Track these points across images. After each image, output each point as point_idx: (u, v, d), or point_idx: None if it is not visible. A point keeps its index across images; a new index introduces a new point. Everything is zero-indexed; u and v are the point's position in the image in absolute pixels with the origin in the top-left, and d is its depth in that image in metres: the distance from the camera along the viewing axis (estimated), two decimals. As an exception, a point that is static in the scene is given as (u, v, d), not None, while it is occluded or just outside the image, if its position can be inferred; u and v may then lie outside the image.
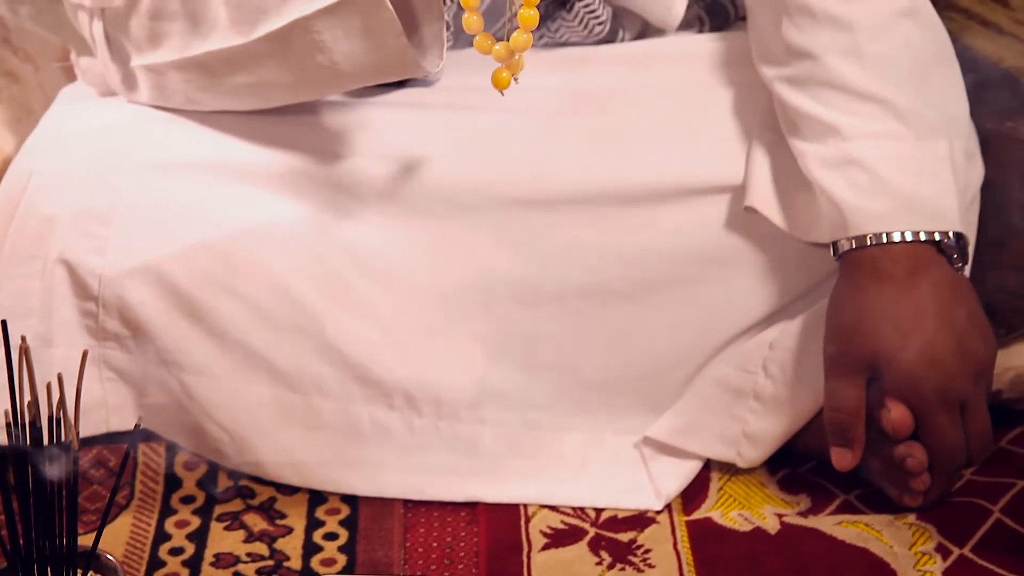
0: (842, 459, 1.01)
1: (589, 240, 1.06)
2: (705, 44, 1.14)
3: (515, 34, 0.90)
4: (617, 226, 1.06)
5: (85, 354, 0.86)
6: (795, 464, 1.08)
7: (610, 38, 1.13)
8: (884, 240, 1.00)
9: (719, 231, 1.07)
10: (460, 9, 1.06)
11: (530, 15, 0.90)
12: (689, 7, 1.16)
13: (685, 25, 1.16)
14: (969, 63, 1.13)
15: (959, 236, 1.01)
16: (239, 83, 1.01)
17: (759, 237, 1.07)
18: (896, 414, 0.99)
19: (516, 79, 0.92)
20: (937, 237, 1.00)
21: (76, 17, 1.05)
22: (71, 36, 1.10)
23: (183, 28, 1.00)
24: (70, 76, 1.18)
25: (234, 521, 1.04)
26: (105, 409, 1.06)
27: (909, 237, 1.00)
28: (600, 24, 1.11)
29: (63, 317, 1.03)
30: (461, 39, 1.09)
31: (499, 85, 0.91)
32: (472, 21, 0.91)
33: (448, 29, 1.03)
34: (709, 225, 1.07)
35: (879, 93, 1.01)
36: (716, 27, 1.17)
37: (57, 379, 0.83)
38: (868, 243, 1.00)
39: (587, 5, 1.09)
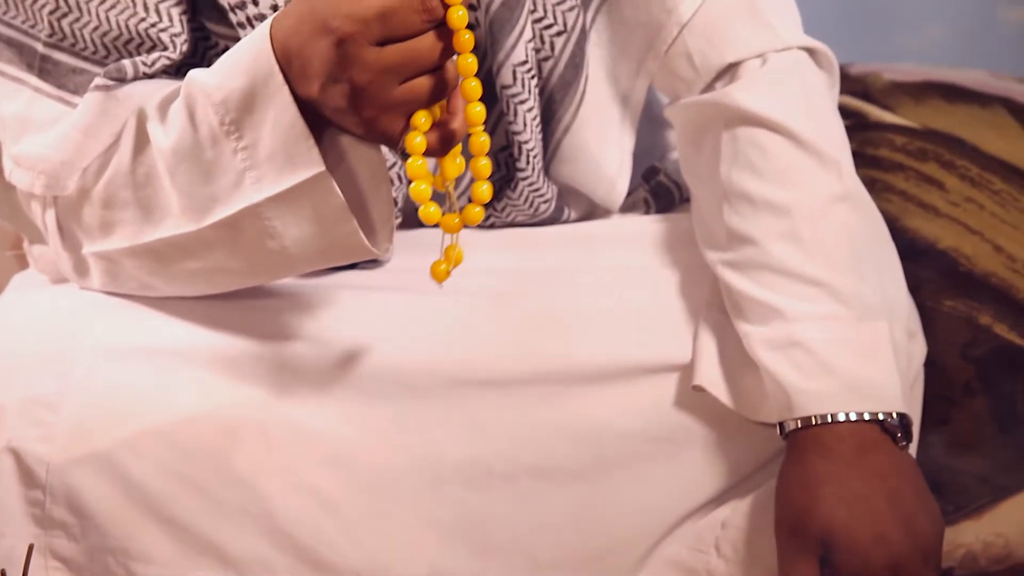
0: (805, 638, 1.00)
1: (539, 420, 1.07)
2: (651, 225, 1.16)
3: (468, 207, 0.91)
4: (567, 405, 1.07)
5: (31, 549, 0.85)
6: (748, 646, 1.07)
7: (556, 216, 1.15)
8: (829, 420, 1.01)
9: (668, 410, 1.07)
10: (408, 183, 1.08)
11: (482, 190, 0.91)
12: (635, 190, 1.19)
13: (631, 207, 1.19)
14: (908, 243, 1.16)
15: (902, 416, 1.02)
16: (191, 269, 1.02)
17: (708, 416, 1.07)
18: (848, 595, 0.99)
19: (450, 272, 0.93)
20: (881, 417, 1.01)
21: (29, 206, 1.06)
22: (24, 224, 1.11)
23: (135, 216, 1.01)
24: (23, 264, 1.18)
25: None
26: (50, 599, 1.04)
27: (853, 417, 1.01)
28: (545, 203, 1.13)
29: (9, 507, 1.02)
30: (408, 220, 1.11)
31: (437, 278, 0.93)
32: (419, 190, 0.91)
33: (396, 205, 1.05)
34: (658, 404, 1.07)
35: (819, 276, 1.03)
36: (662, 209, 1.19)
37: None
38: (814, 423, 1.01)
39: (531, 184, 1.12)
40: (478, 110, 0.90)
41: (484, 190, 0.91)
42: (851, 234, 1.05)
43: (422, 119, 0.89)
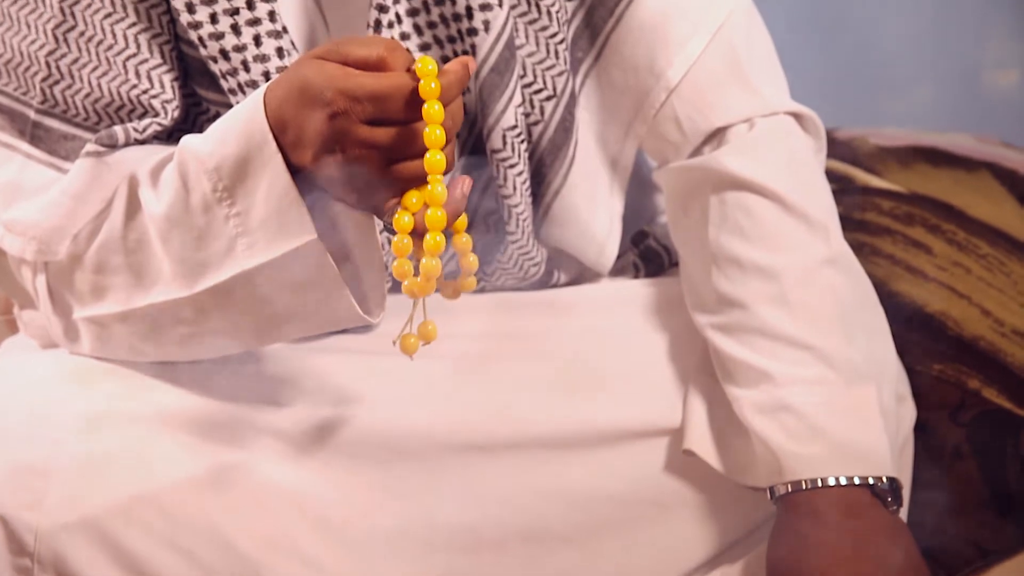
0: None
1: (529, 484, 1.06)
2: (640, 289, 1.16)
3: (424, 260, 0.91)
4: (557, 470, 1.07)
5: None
6: None
7: (545, 279, 1.15)
8: (819, 484, 1.01)
9: (658, 474, 1.07)
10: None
11: (463, 241, 0.92)
12: (624, 254, 1.19)
13: (620, 271, 1.19)
14: (896, 307, 1.17)
15: (892, 480, 1.02)
16: (182, 334, 1.02)
17: (698, 480, 1.07)
18: (838, 658, 0.99)
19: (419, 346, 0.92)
20: (871, 481, 1.01)
21: (20, 271, 1.06)
22: (14, 289, 1.11)
23: (126, 281, 1.01)
24: (13, 329, 1.18)
25: None
26: (37, 668, 1.03)
27: (843, 482, 1.01)
28: (535, 266, 1.14)
29: (-4, 575, 1.02)
30: (399, 284, 1.12)
31: (407, 351, 0.92)
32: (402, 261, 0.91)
33: (387, 271, 1.06)
34: (648, 468, 1.07)
35: (807, 340, 1.04)
36: (651, 273, 1.20)
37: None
38: (804, 487, 1.01)
39: (521, 247, 1.12)
40: (439, 214, 0.89)
41: (465, 241, 0.92)
42: (839, 298, 1.05)
43: (413, 199, 0.90)
